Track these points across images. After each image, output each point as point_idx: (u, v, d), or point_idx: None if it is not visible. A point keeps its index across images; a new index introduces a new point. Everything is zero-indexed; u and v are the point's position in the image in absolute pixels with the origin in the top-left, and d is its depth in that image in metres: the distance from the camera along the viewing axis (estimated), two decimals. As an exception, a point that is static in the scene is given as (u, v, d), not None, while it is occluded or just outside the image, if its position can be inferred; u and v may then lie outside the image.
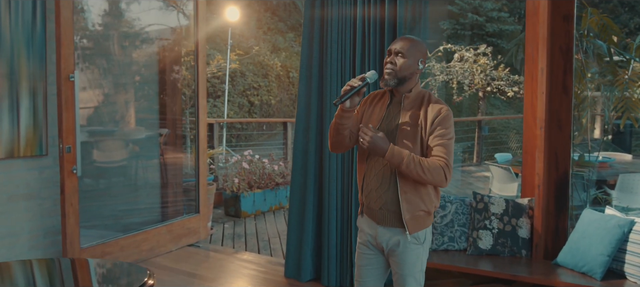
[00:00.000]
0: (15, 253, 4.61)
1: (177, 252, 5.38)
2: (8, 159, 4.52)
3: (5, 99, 4.46)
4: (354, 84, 2.59)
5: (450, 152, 2.58)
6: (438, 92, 16.70)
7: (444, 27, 21.91)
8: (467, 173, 10.94)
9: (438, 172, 2.52)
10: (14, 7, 4.47)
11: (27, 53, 4.57)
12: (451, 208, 4.06)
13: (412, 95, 2.68)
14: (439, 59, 16.86)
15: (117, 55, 5.83)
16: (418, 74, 2.71)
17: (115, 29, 5.88)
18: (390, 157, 2.51)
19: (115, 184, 6.16)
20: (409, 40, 2.68)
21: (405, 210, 2.63)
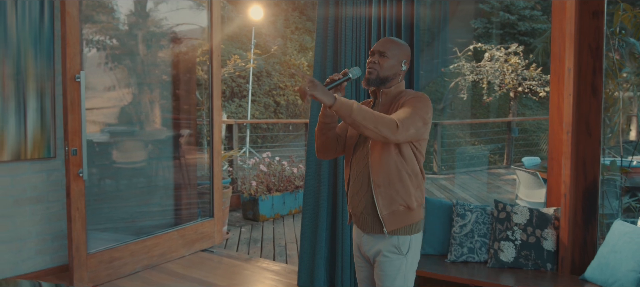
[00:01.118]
0: (22, 257, 4.51)
1: (190, 258, 5.22)
2: (14, 161, 4.42)
3: (12, 100, 4.36)
4: (335, 78, 2.50)
5: (407, 115, 2.39)
6: (467, 92, 16.35)
7: (475, 26, 21.52)
8: (495, 176, 10.61)
9: (390, 122, 2.32)
10: (20, 6, 4.36)
11: (34, 52, 4.46)
12: (471, 217, 3.81)
13: (391, 91, 2.60)
14: (469, 59, 16.51)
15: (143, 54, 5.73)
16: (401, 75, 2.64)
17: (143, 28, 5.77)
18: (341, 104, 2.31)
19: (133, 185, 6.05)
20: (392, 41, 2.64)
21: (381, 206, 2.49)
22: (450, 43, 18.91)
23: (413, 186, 2.50)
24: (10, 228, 4.45)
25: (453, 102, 18.53)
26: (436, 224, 3.95)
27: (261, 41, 16.63)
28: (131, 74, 5.81)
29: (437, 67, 19.75)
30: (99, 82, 5.65)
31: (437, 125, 11.84)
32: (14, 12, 4.34)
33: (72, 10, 4.19)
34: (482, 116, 17.88)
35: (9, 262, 4.45)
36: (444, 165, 11.94)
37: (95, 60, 5.65)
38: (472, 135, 16.24)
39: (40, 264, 4.63)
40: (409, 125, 2.36)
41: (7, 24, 4.30)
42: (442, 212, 3.95)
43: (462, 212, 3.82)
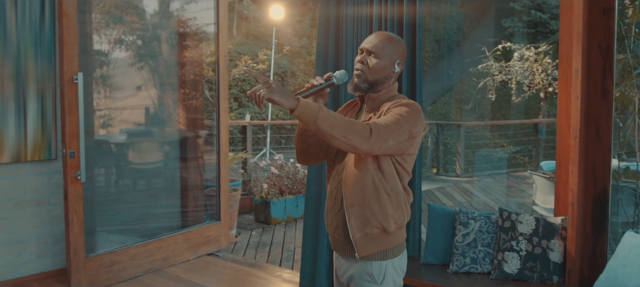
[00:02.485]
0: (22, 260, 4.47)
1: (194, 262, 5.13)
2: (14, 163, 4.38)
3: (12, 101, 4.32)
4: (316, 83, 2.22)
5: (388, 124, 2.06)
6: (495, 93, 16.02)
7: (506, 25, 21.14)
8: (519, 179, 10.33)
9: (362, 129, 2.00)
10: (20, 6, 4.32)
11: (34, 53, 4.41)
12: (474, 226, 3.63)
13: (379, 96, 2.28)
14: (498, 58, 16.19)
15: (166, 55, 5.69)
16: (393, 78, 2.29)
17: (166, 28, 5.73)
18: (304, 108, 1.97)
19: (148, 186, 6.01)
20: (385, 37, 2.28)
21: (353, 228, 2.20)
22: (480, 42, 18.58)
23: (392, 206, 2.20)
24: (10, 230, 4.41)
25: (481, 102, 18.20)
26: (439, 233, 3.78)
27: (286, 41, 16.57)
28: (153, 75, 5.77)
29: (466, 67, 19.44)
30: (122, 83, 5.64)
31: (460, 126, 11.59)
32: (14, 13, 4.30)
33: (70, 11, 4.13)
34: (512, 117, 17.50)
35: (9, 265, 4.41)
36: (467, 167, 11.68)
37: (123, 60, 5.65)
38: (499, 137, 15.90)
39: (41, 267, 4.59)
40: (387, 135, 2.04)
41: (7, 24, 4.26)
42: (445, 220, 3.78)
43: (465, 221, 3.64)
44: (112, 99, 5.55)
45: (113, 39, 5.61)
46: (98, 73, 5.49)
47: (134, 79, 5.77)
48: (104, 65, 5.57)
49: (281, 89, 1.97)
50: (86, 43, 5.19)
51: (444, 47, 23.42)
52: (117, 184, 6.04)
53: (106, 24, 5.59)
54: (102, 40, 5.65)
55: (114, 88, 5.56)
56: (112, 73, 5.59)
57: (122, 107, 5.68)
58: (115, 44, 5.64)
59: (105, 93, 5.49)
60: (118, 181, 6.09)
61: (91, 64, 5.31)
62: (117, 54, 5.63)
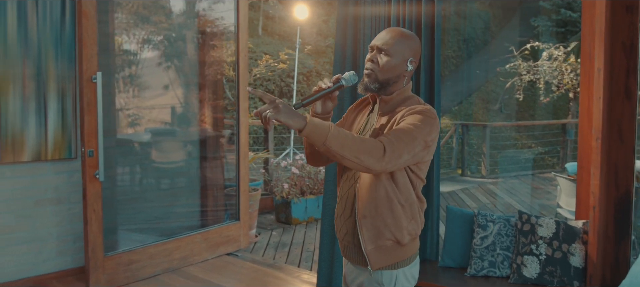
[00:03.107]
0: (42, 258, 4.51)
1: (213, 261, 5.13)
2: (35, 162, 4.42)
3: (32, 101, 4.36)
4: (323, 86, 2.13)
5: (402, 138, 1.96)
6: (524, 93, 15.79)
7: (535, 24, 20.84)
8: (546, 181, 10.15)
9: (374, 148, 1.92)
10: (41, 6, 4.36)
11: (55, 53, 4.45)
12: (493, 228, 3.56)
13: (392, 98, 2.17)
14: (526, 58, 15.96)
15: (191, 54, 5.71)
16: (406, 77, 2.18)
17: (192, 28, 5.75)
18: (312, 129, 1.90)
19: (170, 185, 6.03)
20: (397, 33, 2.16)
21: (365, 239, 2.11)
22: (508, 42, 18.34)
23: (406, 217, 2.12)
24: (31, 229, 4.45)
25: (508, 102, 17.97)
26: (457, 235, 3.71)
27: (312, 40, 16.55)
28: (177, 74, 5.79)
29: (493, 67, 19.21)
30: (148, 82, 5.69)
31: (486, 127, 11.43)
32: (35, 13, 4.34)
33: (89, 11, 4.15)
34: (540, 118, 17.24)
35: (29, 263, 4.46)
36: (493, 168, 11.52)
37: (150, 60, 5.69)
38: (527, 138, 15.68)
39: (61, 265, 4.62)
40: (402, 150, 1.95)
41: (28, 24, 4.30)
42: (463, 222, 3.71)
43: (484, 223, 3.57)
44: (139, 98, 5.59)
45: (140, 39, 5.66)
46: (125, 72, 5.54)
47: (159, 79, 5.80)
48: (132, 64, 5.62)
49: (288, 109, 1.91)
50: (108, 43, 5.22)
51: (472, 47, 23.18)
52: (139, 183, 6.08)
53: (135, 23, 5.63)
54: (130, 40, 5.69)
55: (141, 87, 5.60)
56: (139, 72, 5.63)
57: (147, 106, 5.72)
58: (142, 44, 5.68)
59: (133, 92, 5.54)
60: (141, 180, 6.12)
61: (113, 63, 5.34)
62: (144, 53, 5.68)
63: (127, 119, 5.83)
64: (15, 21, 4.24)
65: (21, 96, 4.30)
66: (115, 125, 5.39)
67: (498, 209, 7.87)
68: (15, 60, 4.25)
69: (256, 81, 14.00)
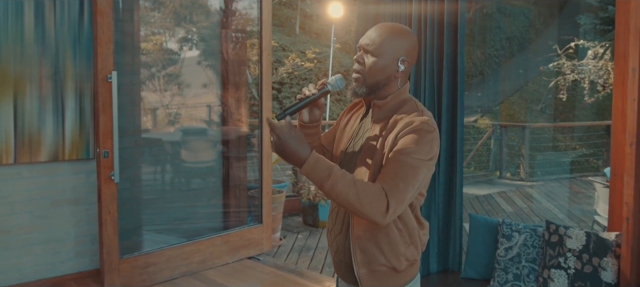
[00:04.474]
0: (60, 259, 4.47)
1: (233, 265, 5.01)
2: (52, 162, 4.37)
3: (50, 100, 4.31)
4: (308, 93, 1.94)
5: (405, 176, 1.77)
6: (567, 92, 15.29)
7: (581, 22, 20.24)
8: (588, 185, 9.74)
9: (376, 199, 1.73)
10: (59, 5, 4.31)
11: (73, 53, 4.39)
12: (519, 239, 3.33)
13: (386, 103, 1.96)
14: (571, 57, 15.47)
15: (220, 53, 5.65)
16: (398, 78, 1.95)
17: (228, 27, 5.69)
18: (310, 170, 1.75)
19: (198, 186, 5.97)
20: (385, 29, 1.93)
21: (358, 262, 1.93)
22: (553, 40, 17.85)
23: (404, 243, 1.93)
24: (48, 229, 4.41)
25: (551, 102, 17.46)
26: (480, 245, 3.50)
27: (349, 38, 16.37)
28: (210, 74, 5.73)
29: (536, 66, 18.72)
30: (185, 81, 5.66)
31: (525, 128, 11.07)
32: (53, 12, 4.28)
33: (105, 9, 4.07)
34: (584, 119, 16.69)
35: (46, 264, 4.41)
36: (533, 171, 11.15)
37: (190, 60, 5.66)
38: (571, 139, 15.19)
39: (78, 266, 4.57)
40: (406, 192, 1.76)
41: (46, 24, 4.25)
42: (487, 231, 3.49)
43: (509, 233, 3.35)
44: (173, 97, 5.56)
45: (178, 38, 5.63)
46: (156, 72, 5.51)
47: (190, 77, 5.76)
48: (164, 63, 5.59)
49: (290, 144, 1.75)
50: (132, 41, 5.17)
51: (514, 45, 22.67)
52: (165, 183, 6.03)
53: (177, 22, 5.61)
54: (170, 40, 5.67)
55: (176, 86, 5.57)
56: (172, 72, 5.60)
57: (174, 104, 5.67)
58: (180, 43, 5.66)
59: (164, 91, 5.50)
60: (166, 180, 6.08)
61: (137, 62, 5.29)
62: (180, 53, 5.65)
63: (156, 118, 5.79)
64: (33, 20, 4.19)
65: (38, 96, 4.26)
66: (140, 125, 5.34)
67: (535, 214, 7.56)
68: (32, 60, 4.20)
69: (292, 80, 13.89)
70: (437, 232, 3.65)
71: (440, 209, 3.62)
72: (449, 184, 3.62)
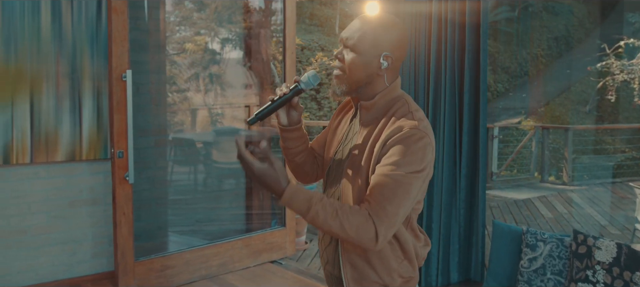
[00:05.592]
0: (77, 260, 4.42)
1: (254, 269, 4.89)
2: (69, 162, 4.32)
3: (67, 99, 4.26)
4: (280, 93, 1.80)
5: (394, 197, 1.60)
6: (617, 93, 14.72)
7: (633, 21, 19.54)
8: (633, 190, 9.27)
9: (363, 227, 1.59)
10: (76, 3, 4.25)
11: (90, 51, 4.33)
12: (544, 249, 3.10)
13: (374, 103, 1.78)
14: (620, 56, 14.91)
15: (268, 53, 5.58)
16: (383, 76, 1.76)
17: (268, 27, 5.63)
18: (288, 203, 1.62)
19: (218, 187, 5.91)
20: (366, 23, 1.75)
21: (348, 277, 1.78)
22: (602, 39, 17.25)
23: (396, 258, 1.78)
24: (65, 230, 4.36)
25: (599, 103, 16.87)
26: (504, 254, 3.28)
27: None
28: (254, 74, 5.67)
29: (584, 66, 18.13)
30: (225, 81, 5.63)
31: (568, 130, 10.64)
32: (69, 10, 4.23)
33: (120, 7, 4.00)
34: (634, 121, 16.04)
35: (63, 264, 4.37)
36: (577, 174, 10.71)
37: (231, 60, 5.64)
38: (619, 142, 14.60)
39: (96, 267, 4.51)
40: (394, 216, 1.60)
41: (63, 22, 4.20)
42: (510, 239, 3.27)
43: (533, 243, 3.12)
44: (214, 98, 5.53)
45: (219, 39, 5.61)
46: (201, 72, 5.49)
47: (233, 78, 5.73)
48: (214, 64, 5.58)
49: (265, 177, 1.60)
50: (159, 41, 5.13)
51: (562, 45, 22.04)
52: (192, 183, 5.98)
53: (219, 23, 5.58)
54: (213, 40, 5.65)
55: (222, 86, 5.55)
56: (217, 72, 5.58)
57: (219, 105, 5.64)
58: (222, 43, 5.64)
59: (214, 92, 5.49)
60: (194, 180, 6.03)
61: (163, 61, 5.24)
62: (224, 53, 5.63)
63: (194, 117, 5.78)
64: (49, 18, 4.15)
65: (55, 95, 4.21)
66: (165, 124, 5.29)
67: (575, 221, 7.22)
68: (49, 58, 4.16)
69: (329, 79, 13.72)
70: (459, 240, 3.44)
71: (461, 216, 3.40)
72: (470, 189, 3.41)
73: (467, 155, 3.41)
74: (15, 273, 4.20)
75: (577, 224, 7.06)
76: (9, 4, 3.98)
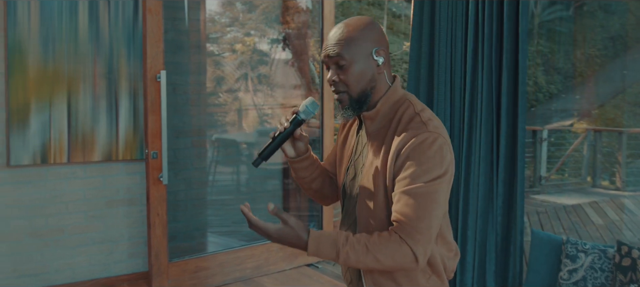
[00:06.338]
0: (113, 259, 4.45)
1: (289, 273, 4.83)
2: (106, 162, 4.35)
3: (103, 100, 4.29)
4: (280, 128, 1.75)
5: (424, 212, 1.52)
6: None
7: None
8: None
9: (398, 254, 1.51)
10: (113, 3, 4.28)
11: (127, 52, 4.36)
12: (585, 260, 2.93)
13: (378, 112, 1.69)
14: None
15: (315, 54, 5.57)
16: (382, 73, 1.68)
17: (316, 27, 5.63)
18: (315, 253, 1.55)
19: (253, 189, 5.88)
20: (346, 30, 1.66)
21: None
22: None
23: (423, 275, 1.68)
24: (102, 229, 4.40)
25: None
26: (542, 264, 3.13)
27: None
28: (302, 75, 5.66)
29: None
30: (274, 82, 5.66)
31: (622, 133, 10.23)
32: (107, 10, 4.26)
33: (155, 7, 4.00)
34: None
35: (100, 264, 4.40)
36: (631, 180, 10.29)
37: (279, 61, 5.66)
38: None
39: (132, 267, 4.53)
40: (429, 231, 1.53)
41: (100, 23, 4.23)
42: (549, 249, 3.12)
43: (574, 254, 2.96)
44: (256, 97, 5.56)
45: (271, 39, 5.63)
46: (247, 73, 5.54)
47: (282, 79, 5.72)
48: (262, 64, 5.62)
49: (284, 237, 1.58)
50: (199, 41, 5.14)
51: (619, 45, 21.32)
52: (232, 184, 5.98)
53: (269, 24, 5.60)
54: (262, 41, 5.69)
55: (271, 86, 5.59)
56: (265, 73, 5.60)
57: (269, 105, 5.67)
58: (273, 44, 5.66)
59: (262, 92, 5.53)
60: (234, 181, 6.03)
61: (203, 61, 5.25)
62: (272, 54, 5.66)
63: (240, 117, 5.81)
64: (87, 19, 4.18)
65: (92, 95, 4.24)
66: (205, 125, 5.31)
67: (627, 228, 6.92)
68: (86, 59, 4.19)
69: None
70: (495, 249, 3.29)
71: (498, 223, 3.26)
72: (508, 195, 3.26)
73: (505, 159, 3.26)
74: (53, 272, 4.25)
75: (629, 232, 6.75)
76: (47, 4, 4.02)
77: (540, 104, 17.90)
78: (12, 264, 4.11)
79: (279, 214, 1.57)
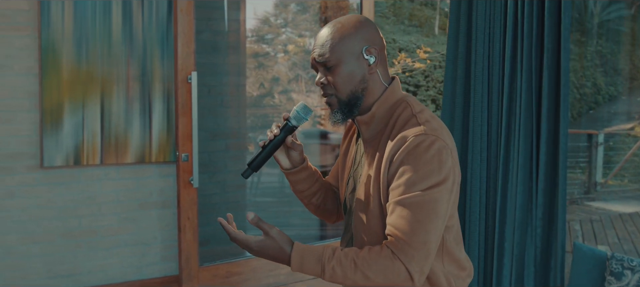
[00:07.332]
0: (146, 262, 4.42)
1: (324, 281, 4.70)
2: (139, 164, 4.32)
3: (137, 102, 4.26)
4: (271, 135, 1.64)
5: (420, 225, 1.39)
6: None
7: None
8: None
9: (389, 271, 1.39)
10: (147, 5, 4.24)
11: (161, 53, 4.31)
12: (631, 279, 2.70)
13: (372, 115, 1.57)
14: None
15: None
16: (375, 73, 1.55)
17: None
18: (300, 266, 1.45)
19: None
20: (333, 29, 1.55)
21: None
22: None
23: (431, 281, 1.55)
24: (135, 231, 4.37)
25: None
26: (585, 281, 2.91)
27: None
28: None
29: None
30: None
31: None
32: (140, 11, 4.23)
33: (186, 7, 3.94)
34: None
35: (132, 266, 4.38)
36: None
37: None
38: None
39: (165, 270, 4.49)
40: (425, 245, 1.40)
41: (133, 24, 4.20)
42: (593, 265, 2.89)
43: (619, 271, 2.73)
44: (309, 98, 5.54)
45: None
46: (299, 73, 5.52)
47: None
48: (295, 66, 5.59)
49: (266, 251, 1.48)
50: (239, 42, 5.11)
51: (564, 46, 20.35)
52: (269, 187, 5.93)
53: (318, 23, 5.58)
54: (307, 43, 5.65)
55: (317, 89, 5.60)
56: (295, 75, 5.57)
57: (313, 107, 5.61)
58: None
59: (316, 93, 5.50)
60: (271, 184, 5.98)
61: (243, 62, 5.21)
62: None
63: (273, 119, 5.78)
64: (120, 20, 4.15)
65: (125, 97, 4.21)
66: (243, 127, 5.26)
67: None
68: (119, 60, 4.17)
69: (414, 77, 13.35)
70: (534, 264, 3.08)
71: (537, 236, 3.04)
72: (549, 205, 3.04)
73: (546, 167, 3.05)
74: (86, 273, 4.24)
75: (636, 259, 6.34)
76: (81, 5, 4.01)
77: (599, 107, 17.25)
78: (45, 265, 4.12)
79: (259, 224, 1.47)
